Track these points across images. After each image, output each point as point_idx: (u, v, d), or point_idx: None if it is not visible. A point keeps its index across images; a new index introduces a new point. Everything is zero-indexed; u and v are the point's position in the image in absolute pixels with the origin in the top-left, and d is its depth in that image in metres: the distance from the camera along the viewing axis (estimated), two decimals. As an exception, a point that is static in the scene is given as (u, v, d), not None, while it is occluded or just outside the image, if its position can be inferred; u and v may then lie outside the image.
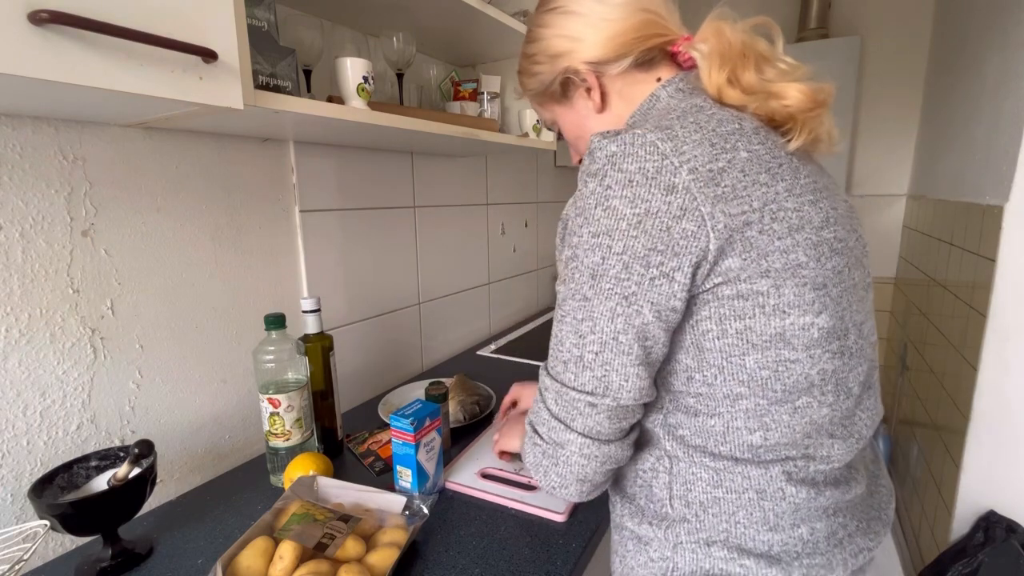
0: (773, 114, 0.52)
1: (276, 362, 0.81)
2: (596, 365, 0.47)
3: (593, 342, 0.47)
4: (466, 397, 1.08)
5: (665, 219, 0.44)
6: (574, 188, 1.92)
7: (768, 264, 0.45)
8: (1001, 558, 1.17)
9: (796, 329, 0.46)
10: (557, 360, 0.50)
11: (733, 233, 0.44)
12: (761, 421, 0.49)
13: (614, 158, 0.46)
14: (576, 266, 0.47)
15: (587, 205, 0.47)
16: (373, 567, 0.62)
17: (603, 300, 0.46)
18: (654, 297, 0.45)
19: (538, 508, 0.77)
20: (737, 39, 0.52)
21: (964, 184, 1.54)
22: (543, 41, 0.59)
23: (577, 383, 0.49)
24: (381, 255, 1.25)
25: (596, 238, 0.46)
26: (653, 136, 0.45)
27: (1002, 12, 1.38)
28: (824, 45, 2.33)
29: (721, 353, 0.47)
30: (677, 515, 0.53)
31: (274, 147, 0.98)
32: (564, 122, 0.65)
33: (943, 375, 1.57)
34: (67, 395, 0.73)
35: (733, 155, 0.46)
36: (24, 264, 0.68)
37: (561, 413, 0.50)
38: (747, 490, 0.50)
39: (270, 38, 0.74)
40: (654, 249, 0.44)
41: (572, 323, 0.48)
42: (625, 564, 0.58)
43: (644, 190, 0.44)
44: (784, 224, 0.46)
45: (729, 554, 0.51)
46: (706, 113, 0.50)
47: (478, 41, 1.22)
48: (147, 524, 0.76)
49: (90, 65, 0.46)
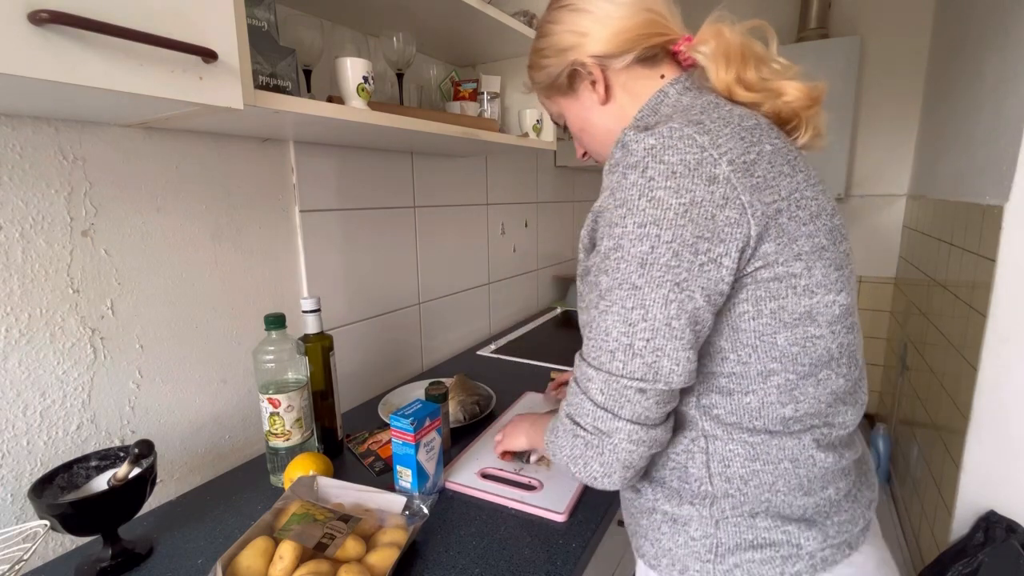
0: (779, 111, 0.57)
1: (276, 362, 0.81)
2: (647, 352, 0.48)
3: (644, 329, 0.48)
4: (466, 397, 1.08)
5: (709, 207, 0.46)
6: (574, 188, 1.92)
7: (798, 248, 0.49)
8: (1001, 558, 1.17)
9: (822, 307, 0.51)
10: (602, 350, 0.50)
11: (768, 220, 0.48)
12: (791, 395, 0.52)
13: (654, 150, 0.48)
14: (621, 256, 0.48)
15: (629, 196, 0.48)
16: (373, 567, 0.62)
17: (655, 287, 0.47)
18: (704, 282, 0.47)
19: (538, 508, 0.77)
20: (736, 40, 0.56)
21: (964, 184, 1.54)
22: (552, 36, 0.62)
23: (626, 371, 0.49)
24: (381, 255, 1.25)
25: (643, 228, 0.47)
26: (690, 130, 0.48)
27: (1002, 12, 1.38)
28: (824, 45, 2.33)
29: (755, 333, 0.51)
30: (719, 491, 0.55)
31: (274, 147, 0.98)
32: (569, 114, 0.67)
33: (943, 375, 1.57)
34: (67, 395, 0.73)
35: (760, 148, 0.50)
36: (24, 264, 0.68)
37: (608, 402, 0.51)
38: (782, 460, 0.53)
39: (270, 38, 0.74)
40: (701, 236, 0.46)
41: (620, 312, 0.49)
42: (660, 547, 0.59)
43: (687, 180, 0.46)
44: (807, 211, 0.50)
45: (772, 523, 0.54)
46: (725, 109, 0.53)
47: (478, 41, 1.22)
48: (147, 524, 0.76)
49: (90, 65, 0.46)
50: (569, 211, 2.20)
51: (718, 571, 0.55)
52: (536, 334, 1.72)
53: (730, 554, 0.54)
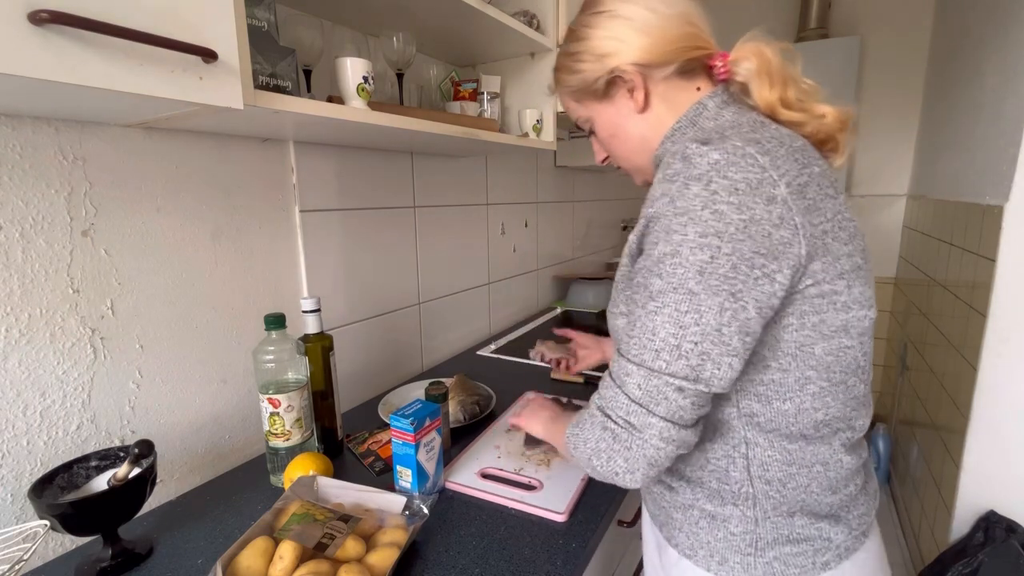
0: (818, 132, 0.59)
1: (276, 362, 0.81)
2: (693, 354, 0.50)
3: (695, 333, 0.50)
4: (466, 397, 1.08)
5: (767, 226, 0.49)
6: (574, 188, 1.92)
7: (841, 267, 0.53)
8: (1001, 558, 1.17)
9: (855, 321, 0.55)
10: (645, 348, 0.52)
11: (816, 240, 0.51)
12: (823, 401, 0.56)
13: (718, 165, 0.50)
14: (679, 262, 0.50)
15: (692, 206, 0.50)
16: (373, 567, 0.62)
17: (711, 295, 0.49)
18: (757, 295, 0.50)
19: (538, 508, 0.77)
20: (777, 60, 0.59)
21: (964, 184, 1.54)
22: (590, 40, 0.62)
23: (669, 369, 0.51)
24: (381, 255, 1.25)
25: (704, 238, 0.49)
26: (751, 149, 0.51)
27: (1002, 12, 1.38)
28: (824, 45, 2.33)
29: (795, 343, 0.54)
30: (760, 493, 0.59)
31: (274, 147, 0.98)
32: (601, 119, 0.68)
33: (943, 375, 1.57)
34: (67, 395, 0.73)
35: (811, 170, 0.53)
36: (24, 264, 0.68)
37: (644, 398, 0.52)
38: (815, 464, 0.58)
39: (270, 38, 0.74)
40: (758, 252, 0.49)
41: (673, 314, 0.50)
42: (697, 539, 0.62)
43: (748, 198, 0.49)
44: (846, 232, 0.54)
45: (807, 520, 0.58)
46: (772, 128, 0.56)
47: (478, 41, 1.22)
48: (147, 524, 0.76)
49: (90, 65, 0.46)
50: (569, 211, 2.20)
51: (759, 563, 0.59)
52: (536, 334, 1.72)
53: (769, 548, 0.59)
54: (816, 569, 0.58)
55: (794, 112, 0.59)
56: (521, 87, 1.35)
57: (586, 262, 2.42)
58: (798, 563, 0.58)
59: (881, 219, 2.46)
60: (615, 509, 0.82)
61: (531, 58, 1.32)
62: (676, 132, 0.62)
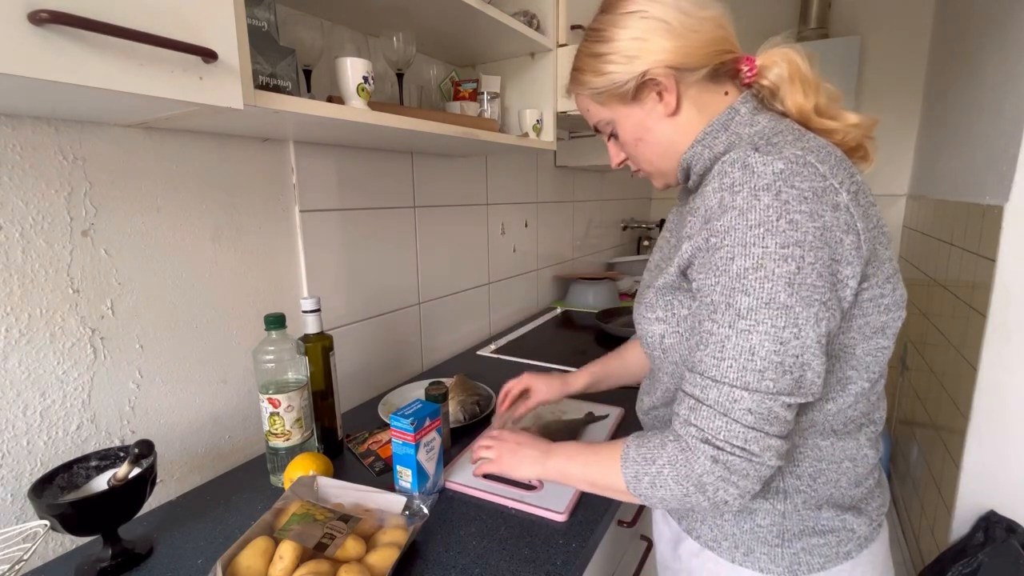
0: (847, 140, 0.59)
1: (276, 362, 0.81)
2: (795, 368, 0.50)
3: (796, 347, 0.49)
4: (466, 397, 1.08)
5: (837, 233, 0.50)
6: (574, 188, 1.92)
7: (886, 271, 0.55)
8: (1001, 558, 1.17)
9: (892, 322, 0.56)
10: (747, 370, 0.50)
11: (870, 245, 0.52)
12: (861, 399, 0.58)
13: (783, 174, 0.49)
14: (765, 275, 0.49)
15: (767, 218, 0.49)
16: (373, 567, 0.62)
17: (806, 306, 0.49)
18: (839, 301, 0.51)
19: (538, 508, 0.77)
20: (806, 67, 0.59)
21: (964, 184, 1.54)
22: (619, 42, 0.60)
23: (776, 388, 0.50)
24: (381, 255, 1.25)
25: (786, 248, 0.48)
26: (811, 157, 0.51)
27: (1002, 12, 1.38)
28: (824, 45, 2.33)
29: (840, 345, 0.55)
30: (791, 487, 0.60)
31: (274, 147, 0.98)
32: (627, 123, 0.65)
33: (943, 375, 1.57)
34: (67, 395, 0.73)
35: (857, 178, 0.54)
36: (24, 264, 0.68)
37: (758, 423, 0.51)
38: (843, 460, 0.60)
39: (270, 38, 0.74)
40: (835, 259, 0.50)
41: (770, 331, 0.49)
42: (721, 531, 0.64)
43: (818, 206, 0.49)
44: (885, 238, 0.56)
45: (834, 512, 0.61)
46: (812, 137, 0.56)
47: (478, 41, 1.22)
48: (147, 524, 0.76)
49: (90, 65, 0.46)
50: (569, 211, 2.20)
51: (785, 554, 0.61)
52: (536, 334, 1.72)
53: (796, 539, 0.61)
54: (839, 559, 0.61)
55: (826, 120, 0.59)
56: (521, 87, 1.35)
57: (586, 262, 2.42)
58: (823, 553, 0.60)
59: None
60: (614, 509, 0.82)
61: (531, 58, 1.32)
62: (707, 136, 0.61)
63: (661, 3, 0.58)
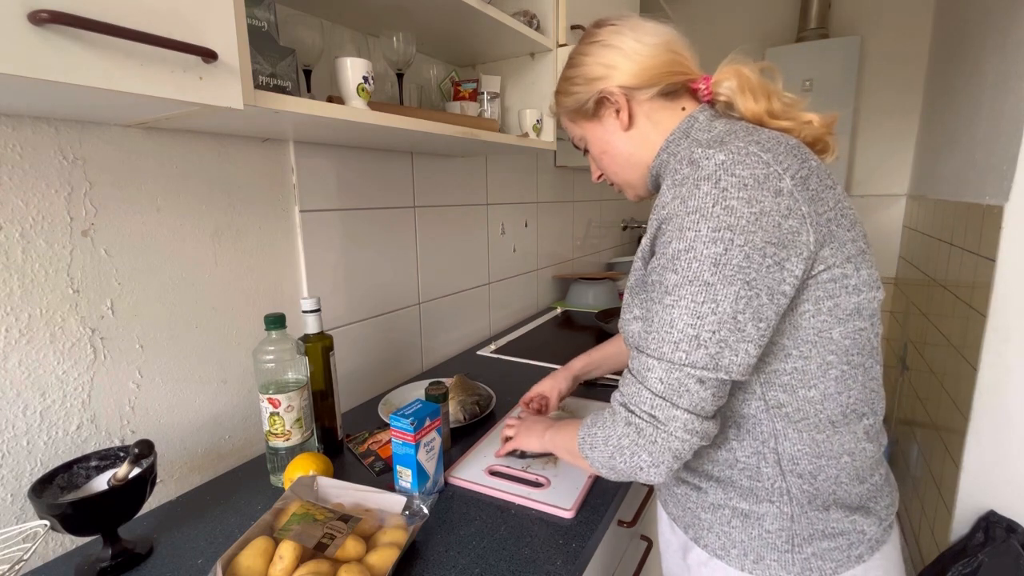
0: (805, 136, 0.63)
1: (276, 362, 0.81)
2: (711, 343, 0.52)
3: (712, 322, 0.52)
4: (466, 397, 1.08)
5: (776, 217, 0.51)
6: (574, 188, 1.93)
7: (847, 252, 0.56)
8: (1001, 558, 1.17)
9: (866, 302, 0.57)
10: (664, 341, 0.54)
11: (822, 227, 0.54)
12: (846, 384, 0.59)
13: (724, 164, 0.53)
14: (694, 256, 0.52)
15: (703, 204, 0.52)
16: (373, 567, 0.62)
17: (727, 284, 0.51)
18: (768, 282, 0.52)
19: (546, 504, 0.77)
20: (755, 77, 0.63)
21: (964, 184, 1.54)
22: (583, 67, 0.69)
23: (688, 360, 0.53)
24: (381, 255, 1.25)
25: (717, 232, 0.51)
26: (754, 148, 0.54)
27: (1002, 12, 1.38)
28: (824, 45, 2.33)
29: (814, 329, 0.57)
30: (794, 487, 0.60)
31: (274, 147, 0.98)
32: (592, 137, 0.73)
33: (943, 375, 1.57)
34: (67, 395, 0.73)
35: (809, 164, 0.56)
36: (24, 264, 0.68)
37: (667, 391, 0.54)
38: (842, 455, 0.60)
39: (270, 38, 0.74)
40: (769, 242, 0.51)
41: (690, 306, 0.52)
42: (729, 539, 0.64)
43: (757, 192, 0.51)
44: (848, 219, 0.57)
45: (843, 513, 0.61)
46: (766, 131, 0.59)
47: (478, 41, 1.22)
48: (147, 524, 0.76)
49: (90, 65, 0.46)
50: (569, 211, 2.20)
51: (796, 560, 0.61)
52: (536, 334, 1.72)
53: (807, 544, 0.60)
54: (851, 562, 0.61)
55: (781, 120, 0.62)
56: (521, 87, 1.35)
57: (586, 262, 2.42)
58: (834, 557, 0.60)
59: (881, 219, 2.46)
60: (615, 509, 0.82)
61: (531, 58, 1.32)
62: (671, 144, 0.66)
63: (619, 34, 0.66)
